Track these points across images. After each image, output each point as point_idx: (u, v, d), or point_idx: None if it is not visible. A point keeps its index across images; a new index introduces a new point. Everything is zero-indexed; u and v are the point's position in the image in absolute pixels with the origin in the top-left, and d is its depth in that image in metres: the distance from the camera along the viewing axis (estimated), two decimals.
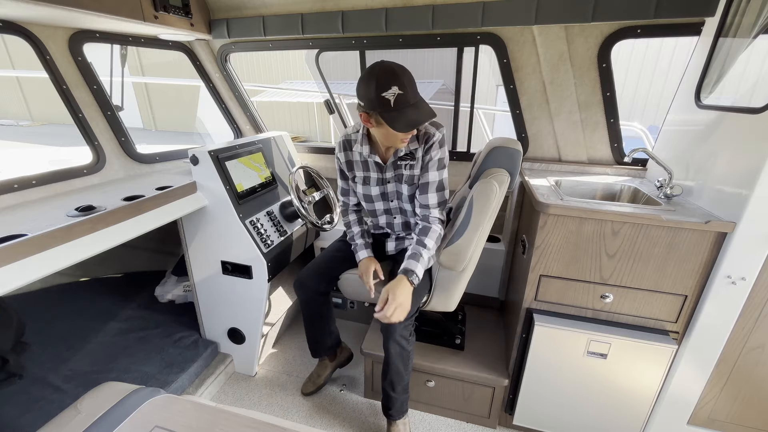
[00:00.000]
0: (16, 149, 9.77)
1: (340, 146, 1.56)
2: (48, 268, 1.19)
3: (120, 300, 2.39)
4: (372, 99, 1.24)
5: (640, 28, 1.60)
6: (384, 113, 1.24)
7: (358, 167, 1.57)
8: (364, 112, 1.31)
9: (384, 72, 1.22)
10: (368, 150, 1.48)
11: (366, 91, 1.25)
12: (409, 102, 1.24)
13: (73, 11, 1.42)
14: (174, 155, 2.24)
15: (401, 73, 1.23)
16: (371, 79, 1.23)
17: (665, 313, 1.42)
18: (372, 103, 1.25)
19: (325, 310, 1.80)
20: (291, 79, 11.00)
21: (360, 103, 1.30)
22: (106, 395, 1.05)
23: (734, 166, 1.25)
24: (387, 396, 1.64)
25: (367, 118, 1.32)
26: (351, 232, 1.68)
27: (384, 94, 1.21)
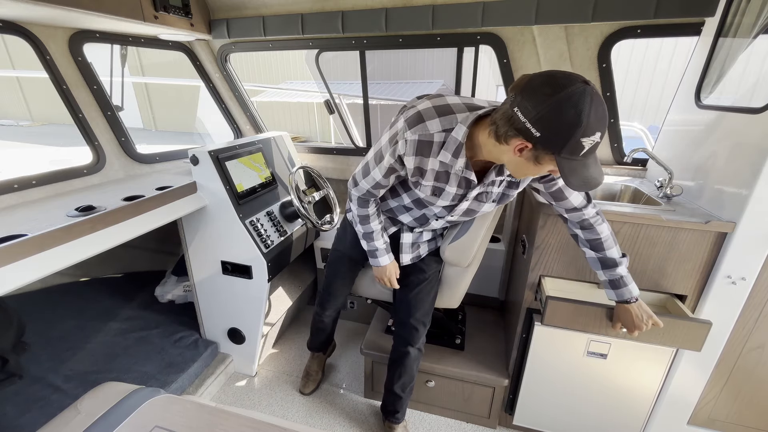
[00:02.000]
0: (16, 149, 9.77)
1: (411, 147, 1.06)
2: (48, 268, 1.19)
3: (120, 300, 2.39)
4: (563, 137, 0.82)
5: (640, 28, 1.60)
6: (566, 161, 0.86)
7: (433, 177, 1.13)
8: (526, 142, 0.87)
9: (596, 108, 0.80)
10: (463, 164, 1.08)
11: (562, 124, 0.81)
12: (594, 152, 0.88)
13: (73, 11, 1.42)
14: (174, 155, 2.24)
15: (607, 113, 0.86)
16: (574, 113, 0.79)
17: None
18: (557, 143, 0.83)
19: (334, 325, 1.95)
20: (291, 79, 11.01)
21: (528, 127, 0.84)
22: (106, 395, 1.05)
23: (734, 166, 1.25)
24: (396, 398, 1.64)
25: (522, 149, 0.89)
26: (368, 228, 1.38)
27: (584, 139, 0.82)
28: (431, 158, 1.08)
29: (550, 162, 0.89)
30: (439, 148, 1.06)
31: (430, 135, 1.04)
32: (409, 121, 1.04)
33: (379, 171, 1.18)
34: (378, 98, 7.93)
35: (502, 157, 0.99)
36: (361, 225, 1.38)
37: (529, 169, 0.95)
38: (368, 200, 1.33)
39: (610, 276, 1.21)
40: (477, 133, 1.02)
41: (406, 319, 1.52)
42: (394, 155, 1.10)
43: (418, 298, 1.50)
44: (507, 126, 0.89)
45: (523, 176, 1.03)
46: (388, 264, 1.43)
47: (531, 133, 0.84)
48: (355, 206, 1.36)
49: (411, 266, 1.50)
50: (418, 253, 1.50)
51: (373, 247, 1.41)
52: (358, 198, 1.33)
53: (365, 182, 1.25)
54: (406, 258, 1.49)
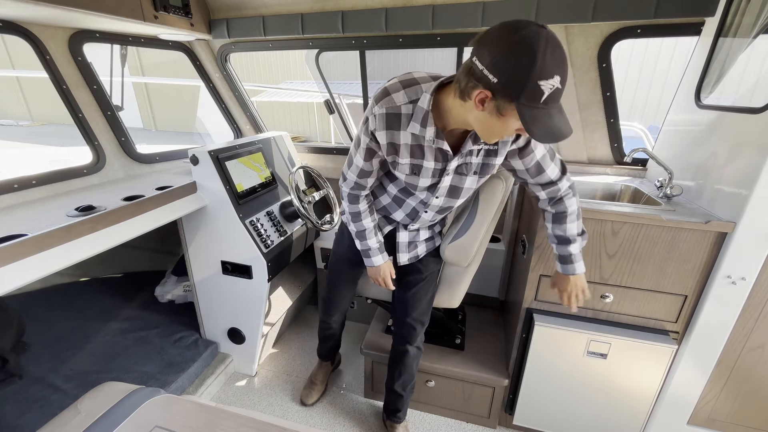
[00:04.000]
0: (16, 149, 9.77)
1: (379, 121, 1.06)
2: (48, 268, 1.19)
3: (120, 300, 2.39)
4: (520, 81, 0.80)
5: (640, 28, 1.60)
6: (526, 108, 0.83)
7: (407, 152, 1.12)
8: (485, 91, 0.84)
9: (553, 49, 0.79)
10: (433, 133, 1.05)
11: (511, 66, 0.80)
12: (557, 100, 0.85)
13: (73, 11, 1.42)
14: (174, 155, 2.24)
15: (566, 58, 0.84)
16: (528, 53, 0.78)
17: (665, 313, 1.42)
18: (514, 86, 0.81)
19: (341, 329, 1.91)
20: (291, 79, 11.00)
21: (485, 74, 0.82)
22: (106, 395, 1.05)
23: (734, 166, 1.25)
24: (397, 397, 1.65)
25: (483, 100, 0.86)
26: (360, 226, 1.35)
27: (542, 82, 0.79)
28: (402, 131, 1.08)
29: (512, 113, 0.85)
30: (408, 120, 1.05)
31: (397, 107, 1.04)
32: (376, 96, 1.08)
33: (360, 155, 1.19)
34: None
35: (468, 118, 0.96)
36: (354, 223, 1.36)
37: (495, 125, 0.91)
38: (358, 195, 1.31)
39: (561, 252, 1.26)
40: (443, 98, 1.01)
41: (404, 318, 1.52)
42: (368, 133, 1.12)
43: (415, 298, 1.50)
44: (467, 78, 0.87)
45: (492, 137, 0.97)
46: (381, 264, 1.40)
47: (488, 80, 0.82)
48: (346, 203, 1.35)
49: (409, 266, 1.49)
50: (416, 254, 1.47)
51: (366, 246, 1.38)
52: (348, 194, 1.32)
53: (351, 173, 1.26)
54: (403, 258, 1.46)
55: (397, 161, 1.15)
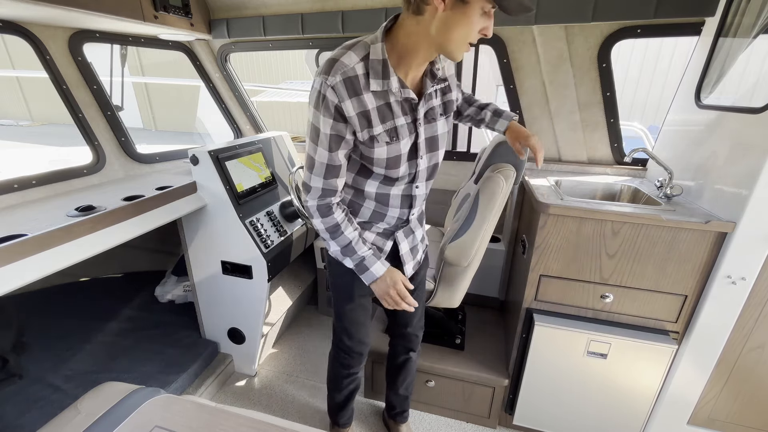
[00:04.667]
0: (16, 149, 9.77)
1: (341, 90, 0.93)
2: (48, 268, 1.19)
3: (120, 300, 2.39)
4: None
5: (640, 28, 1.60)
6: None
7: (378, 117, 0.99)
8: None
9: None
10: (398, 82, 0.97)
11: None
12: None
13: (73, 11, 1.42)
14: (174, 155, 2.24)
15: None
16: None
17: (665, 313, 1.42)
18: None
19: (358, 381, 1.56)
20: (291, 79, 11.00)
21: None
22: (106, 395, 1.05)
23: (734, 166, 1.25)
24: (403, 399, 1.65)
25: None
26: (343, 240, 1.11)
27: None
28: (365, 95, 0.96)
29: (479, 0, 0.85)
30: (366, 79, 0.95)
31: (352, 69, 0.94)
32: (323, 69, 0.94)
33: (323, 148, 1.00)
34: None
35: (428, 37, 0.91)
36: (334, 240, 1.11)
37: (460, 22, 0.87)
38: (330, 205, 1.09)
39: (491, 109, 1.33)
40: (394, 38, 0.95)
41: (406, 328, 1.49)
42: (329, 113, 0.95)
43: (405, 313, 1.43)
44: None
45: (461, 43, 0.92)
46: (385, 271, 1.14)
47: None
48: (318, 220, 1.09)
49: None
50: (418, 259, 1.35)
51: (358, 258, 1.12)
52: (317, 207, 1.08)
53: (315, 178, 1.04)
54: (409, 268, 1.30)
55: (373, 134, 1.00)
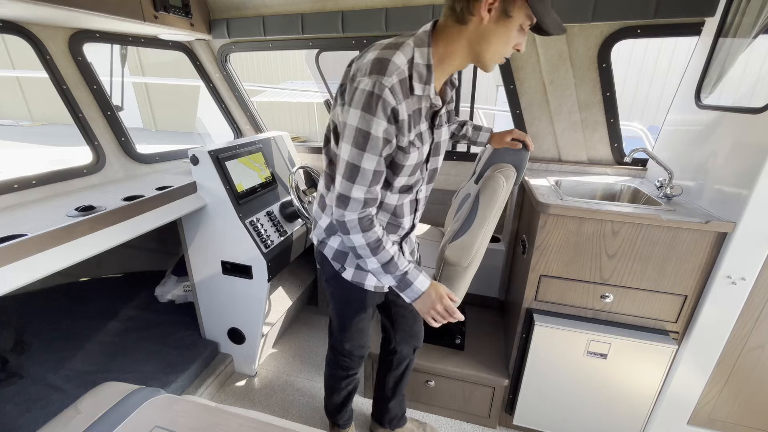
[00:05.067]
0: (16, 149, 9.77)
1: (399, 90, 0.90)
2: (48, 268, 1.19)
3: (120, 300, 2.39)
4: None
5: (640, 28, 1.60)
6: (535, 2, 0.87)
7: (417, 121, 0.98)
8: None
9: None
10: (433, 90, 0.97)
11: None
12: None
13: (73, 11, 1.42)
14: (174, 155, 2.24)
15: None
16: None
17: (665, 313, 1.42)
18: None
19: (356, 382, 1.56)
20: (291, 79, 11.00)
21: None
22: (106, 395, 1.05)
23: (734, 166, 1.25)
24: (402, 401, 1.65)
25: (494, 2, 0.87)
26: (386, 255, 1.01)
27: None
28: (414, 97, 0.95)
29: (520, 10, 0.88)
30: (411, 82, 0.93)
31: (402, 71, 0.91)
32: (374, 69, 0.89)
33: (374, 154, 0.92)
34: None
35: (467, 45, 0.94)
36: (375, 255, 1.01)
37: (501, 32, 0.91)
38: (371, 217, 1.00)
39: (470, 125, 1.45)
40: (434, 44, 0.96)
41: (410, 333, 1.47)
42: (385, 116, 0.89)
43: (414, 311, 1.42)
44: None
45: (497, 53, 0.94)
46: (429, 285, 1.05)
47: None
48: (359, 236, 0.99)
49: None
50: (416, 260, 1.34)
51: (400, 274, 1.03)
52: (359, 222, 0.98)
53: (358, 188, 0.95)
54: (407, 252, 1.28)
55: (410, 138, 0.97)
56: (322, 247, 1.21)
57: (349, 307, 1.28)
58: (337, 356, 1.43)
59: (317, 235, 1.23)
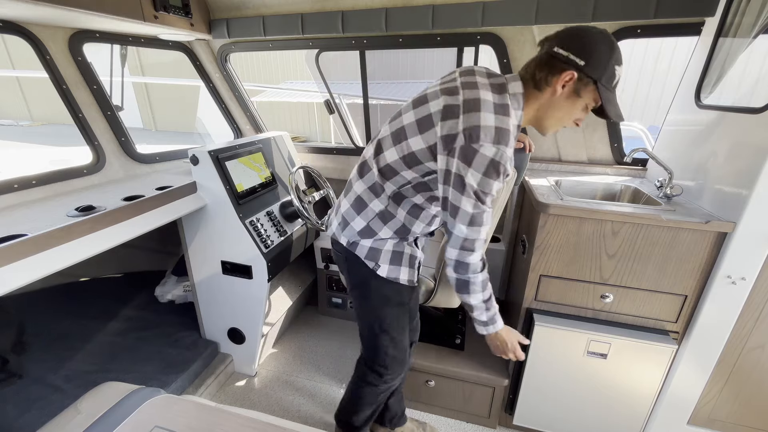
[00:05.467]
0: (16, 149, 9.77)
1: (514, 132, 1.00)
2: (48, 268, 1.19)
3: (120, 300, 2.39)
4: (603, 65, 0.95)
5: (640, 28, 1.60)
6: (603, 88, 0.97)
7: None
8: (571, 72, 0.96)
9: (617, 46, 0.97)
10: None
11: (601, 53, 0.94)
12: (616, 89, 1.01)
13: (73, 11, 1.42)
14: (174, 155, 2.24)
15: None
16: (611, 44, 0.95)
17: (665, 313, 1.42)
18: (600, 68, 0.95)
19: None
20: (291, 79, 11.01)
21: (572, 58, 0.95)
22: (106, 395, 1.05)
23: (734, 166, 1.25)
24: (401, 399, 1.65)
25: (569, 79, 0.96)
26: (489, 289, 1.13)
27: (617, 67, 0.96)
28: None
29: (589, 94, 0.99)
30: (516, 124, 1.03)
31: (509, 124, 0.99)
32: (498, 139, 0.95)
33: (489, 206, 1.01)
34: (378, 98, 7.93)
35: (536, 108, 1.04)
36: (484, 291, 1.11)
37: (567, 107, 1.02)
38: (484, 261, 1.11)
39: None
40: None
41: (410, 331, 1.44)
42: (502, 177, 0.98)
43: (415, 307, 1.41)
44: (546, 69, 0.99)
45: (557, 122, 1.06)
46: (503, 325, 1.18)
47: (576, 62, 0.95)
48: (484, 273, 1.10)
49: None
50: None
51: (494, 310, 1.15)
52: (482, 260, 1.09)
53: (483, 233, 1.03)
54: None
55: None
56: (354, 248, 1.20)
57: (389, 303, 1.26)
58: (377, 367, 1.35)
59: (347, 236, 1.20)
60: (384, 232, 1.17)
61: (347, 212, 1.21)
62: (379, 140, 1.13)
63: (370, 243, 1.19)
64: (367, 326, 1.32)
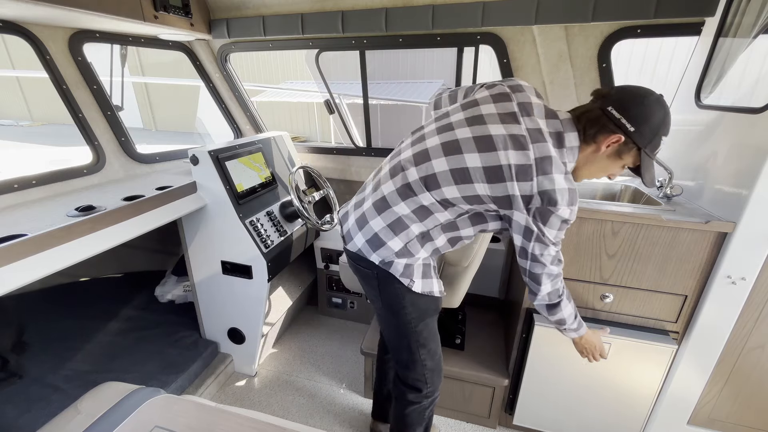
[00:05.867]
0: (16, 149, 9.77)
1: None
2: (48, 268, 1.19)
3: (120, 300, 2.39)
4: (652, 134, 0.98)
5: (640, 28, 1.60)
6: (646, 156, 1.01)
7: None
8: (622, 137, 0.99)
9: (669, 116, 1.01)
10: None
11: (652, 123, 0.97)
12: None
13: (73, 11, 1.42)
14: (174, 155, 2.24)
15: None
16: (665, 114, 0.99)
17: (665, 313, 1.42)
18: (648, 137, 0.98)
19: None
20: (291, 79, 11.01)
21: (624, 122, 0.97)
22: (106, 395, 1.05)
23: (734, 166, 1.25)
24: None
25: (615, 141, 1.00)
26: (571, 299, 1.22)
27: (664, 138, 1.01)
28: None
29: (630, 157, 1.03)
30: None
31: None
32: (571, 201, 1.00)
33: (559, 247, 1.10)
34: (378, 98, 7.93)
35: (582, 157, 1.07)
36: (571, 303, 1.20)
37: (605, 165, 1.07)
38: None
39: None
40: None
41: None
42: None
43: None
44: (597, 126, 1.01)
45: (593, 174, 1.11)
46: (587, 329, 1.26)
47: (626, 127, 0.98)
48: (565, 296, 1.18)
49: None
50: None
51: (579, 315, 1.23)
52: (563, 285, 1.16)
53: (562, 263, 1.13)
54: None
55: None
56: (388, 266, 1.16)
57: (425, 317, 1.27)
58: (416, 383, 1.34)
59: (382, 255, 1.15)
60: (420, 253, 1.16)
61: (383, 232, 1.14)
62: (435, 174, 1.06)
63: (406, 260, 1.16)
64: (404, 344, 1.30)
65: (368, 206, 1.17)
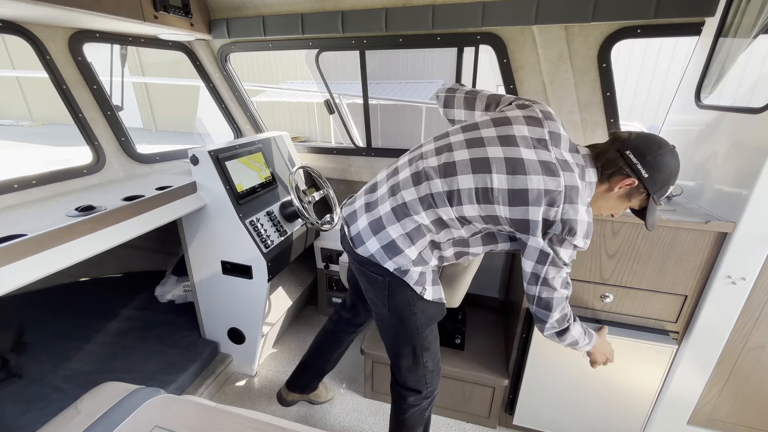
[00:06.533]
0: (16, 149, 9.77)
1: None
2: (48, 268, 1.19)
3: (120, 300, 2.39)
4: (662, 183, 1.03)
5: (640, 28, 1.60)
6: (653, 202, 1.06)
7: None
8: (635, 181, 1.04)
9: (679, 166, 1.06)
10: None
11: (665, 173, 1.03)
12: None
13: (73, 11, 1.42)
14: (174, 155, 2.24)
15: None
16: (677, 165, 1.04)
17: (665, 313, 1.42)
18: (659, 185, 1.03)
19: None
20: (291, 79, 11.00)
21: (639, 168, 1.02)
22: (106, 395, 1.05)
23: (734, 166, 1.25)
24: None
25: (628, 184, 1.05)
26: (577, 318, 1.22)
27: (672, 188, 1.08)
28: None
29: (638, 200, 1.09)
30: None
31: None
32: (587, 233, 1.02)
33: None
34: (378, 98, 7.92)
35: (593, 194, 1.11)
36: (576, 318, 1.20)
37: (613, 204, 1.12)
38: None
39: None
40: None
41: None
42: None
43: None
44: (614, 167, 1.06)
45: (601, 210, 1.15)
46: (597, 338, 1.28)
47: (641, 173, 1.03)
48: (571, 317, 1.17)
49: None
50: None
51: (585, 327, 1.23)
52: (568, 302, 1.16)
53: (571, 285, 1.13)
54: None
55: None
56: (403, 275, 1.15)
57: (431, 322, 1.28)
58: (416, 385, 1.36)
59: (398, 263, 1.14)
60: (432, 261, 1.18)
61: (401, 239, 1.12)
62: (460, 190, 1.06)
63: (420, 269, 1.16)
64: (408, 349, 1.31)
65: (386, 211, 1.14)
